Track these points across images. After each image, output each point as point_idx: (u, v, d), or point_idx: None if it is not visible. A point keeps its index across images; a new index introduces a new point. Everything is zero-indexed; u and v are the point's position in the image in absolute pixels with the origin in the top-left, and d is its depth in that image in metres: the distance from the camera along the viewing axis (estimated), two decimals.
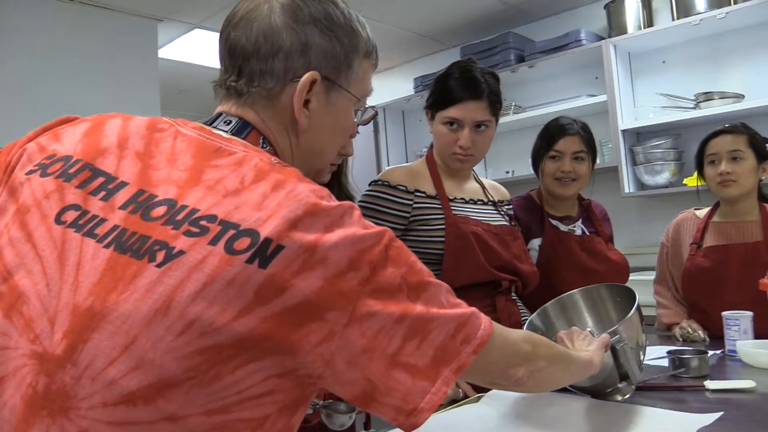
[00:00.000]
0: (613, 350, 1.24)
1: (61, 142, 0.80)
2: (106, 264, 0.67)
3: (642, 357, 1.37)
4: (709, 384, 1.40)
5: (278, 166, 0.75)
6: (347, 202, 0.73)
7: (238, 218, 0.68)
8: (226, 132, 0.82)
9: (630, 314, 1.30)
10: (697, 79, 3.20)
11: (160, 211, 0.69)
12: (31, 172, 0.76)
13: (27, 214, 0.72)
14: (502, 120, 3.52)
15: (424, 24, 3.82)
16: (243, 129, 0.83)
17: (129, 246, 0.67)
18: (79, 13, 3.16)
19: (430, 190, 1.67)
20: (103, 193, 0.72)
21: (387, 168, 1.78)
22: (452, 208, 1.65)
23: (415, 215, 1.62)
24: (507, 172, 3.84)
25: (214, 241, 0.66)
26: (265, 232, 0.66)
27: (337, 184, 1.43)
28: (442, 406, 1.42)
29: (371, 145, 4.21)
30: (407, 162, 2.07)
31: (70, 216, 0.71)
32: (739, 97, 2.97)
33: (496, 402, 1.37)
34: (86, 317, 0.64)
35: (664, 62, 3.35)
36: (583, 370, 1.10)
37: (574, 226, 2.07)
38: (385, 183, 1.64)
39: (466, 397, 1.47)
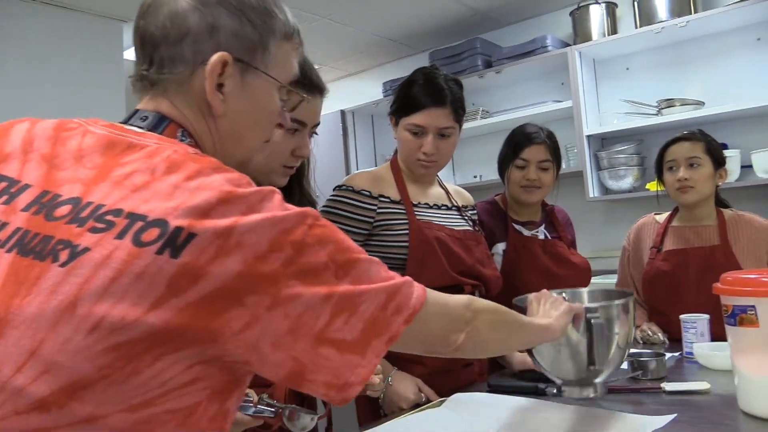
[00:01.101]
0: (588, 325, 1.23)
1: None
2: (8, 268, 0.65)
3: (620, 358, 1.31)
4: (666, 386, 1.44)
5: (195, 156, 0.73)
6: (268, 188, 0.72)
7: (145, 209, 0.66)
8: (143, 128, 0.80)
9: (616, 301, 1.30)
10: (659, 85, 3.27)
11: (64, 210, 0.67)
12: None
13: None
14: (469, 125, 3.58)
15: (393, 29, 3.83)
16: (160, 123, 0.81)
17: (31, 248, 0.65)
18: (42, 13, 3.11)
19: (395, 195, 1.67)
20: (5, 197, 0.70)
21: (353, 173, 1.79)
22: (416, 213, 1.66)
23: (379, 220, 1.62)
24: (475, 177, 3.87)
25: (120, 235, 0.64)
26: (175, 221, 0.64)
27: (298, 187, 1.43)
28: (404, 411, 1.43)
29: (340, 148, 4.21)
30: (376, 166, 2.08)
31: None
32: (700, 104, 3.04)
33: (459, 406, 1.38)
34: None
35: (627, 69, 3.41)
36: (537, 336, 1.12)
37: (537, 231, 2.10)
38: (349, 188, 1.64)
39: (429, 401, 1.48)
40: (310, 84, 1.28)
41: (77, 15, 3.22)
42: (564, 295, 1.34)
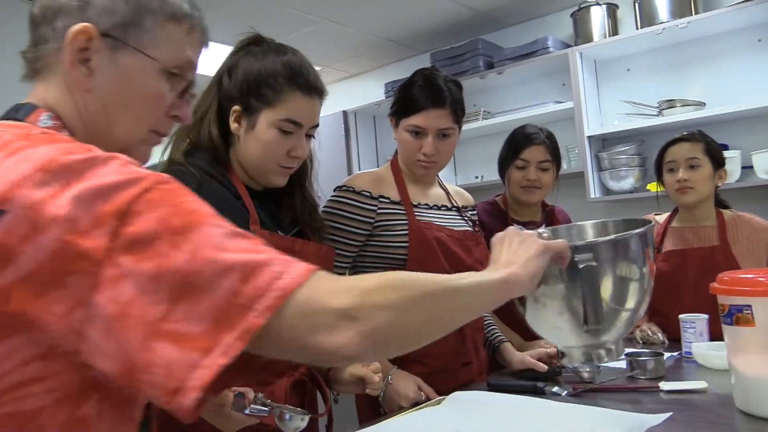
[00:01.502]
0: (575, 270, 0.95)
1: None
2: None
3: (636, 307, 1.02)
4: (664, 385, 1.45)
5: (34, 135, 0.69)
6: (108, 153, 0.66)
7: None
8: (14, 120, 0.78)
9: (616, 236, 1.00)
10: (660, 86, 3.27)
11: None
12: None
13: None
14: (471, 125, 3.59)
15: (395, 30, 3.85)
16: (24, 111, 0.79)
17: None
18: None
19: (395, 195, 1.69)
20: None
21: (354, 173, 1.81)
22: (416, 213, 1.67)
23: (379, 221, 1.63)
24: (476, 177, 3.88)
25: None
26: None
27: (299, 189, 1.44)
28: (404, 410, 1.44)
29: (342, 149, 4.22)
30: (378, 167, 2.10)
31: None
32: (701, 104, 3.04)
33: (458, 404, 1.39)
34: None
35: (628, 70, 3.41)
36: (491, 295, 0.85)
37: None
38: (350, 189, 1.66)
39: (428, 399, 1.50)
40: (305, 85, 1.29)
41: None
42: (543, 231, 1.00)
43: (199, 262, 0.60)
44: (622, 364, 1.63)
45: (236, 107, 1.31)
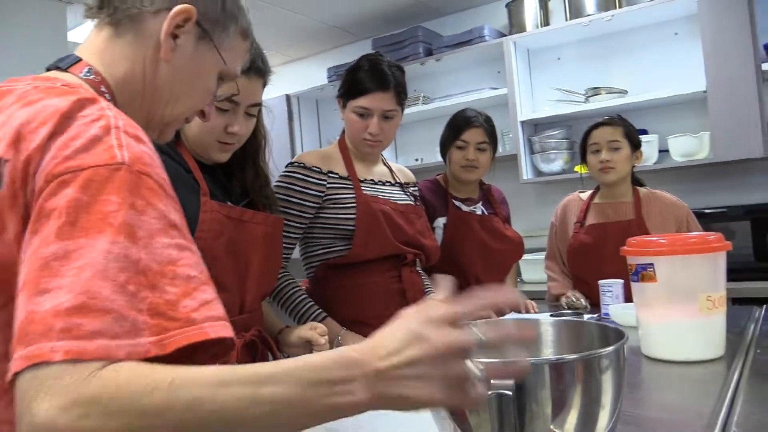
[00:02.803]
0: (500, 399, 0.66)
1: None
2: None
3: None
4: None
5: (59, 89, 0.72)
6: (102, 115, 0.68)
7: None
8: (57, 69, 0.81)
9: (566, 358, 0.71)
10: (587, 75, 3.50)
11: None
12: None
13: None
14: (411, 110, 3.74)
15: (338, 16, 3.95)
16: (68, 62, 0.81)
17: None
18: None
19: (343, 171, 1.81)
20: None
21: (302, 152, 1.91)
22: (362, 188, 1.80)
23: (329, 195, 1.76)
24: (416, 160, 4.03)
25: None
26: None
27: (253, 165, 1.52)
28: None
29: (285, 132, 4.30)
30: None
31: None
32: (623, 92, 3.28)
33: None
34: None
35: (558, 59, 3.62)
36: (286, 398, 0.57)
37: (475, 207, 2.27)
38: (301, 164, 1.77)
39: None
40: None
41: None
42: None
43: (55, 269, 0.56)
44: None
45: None
